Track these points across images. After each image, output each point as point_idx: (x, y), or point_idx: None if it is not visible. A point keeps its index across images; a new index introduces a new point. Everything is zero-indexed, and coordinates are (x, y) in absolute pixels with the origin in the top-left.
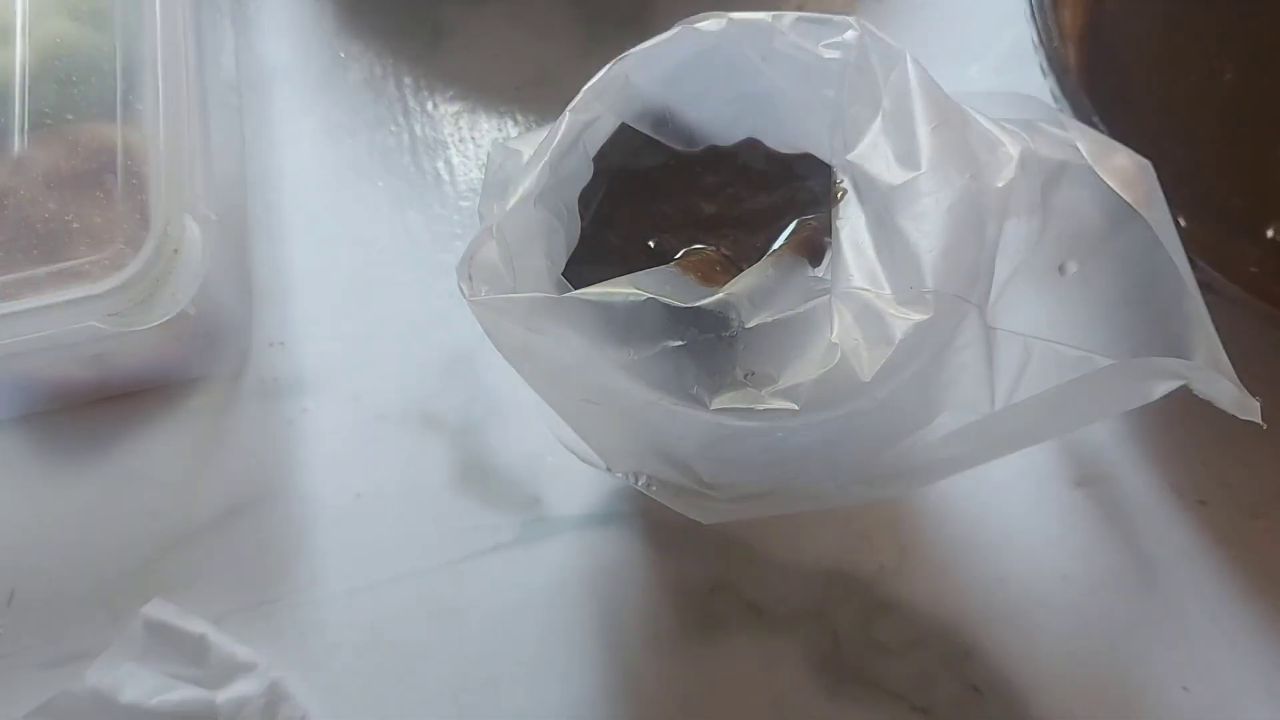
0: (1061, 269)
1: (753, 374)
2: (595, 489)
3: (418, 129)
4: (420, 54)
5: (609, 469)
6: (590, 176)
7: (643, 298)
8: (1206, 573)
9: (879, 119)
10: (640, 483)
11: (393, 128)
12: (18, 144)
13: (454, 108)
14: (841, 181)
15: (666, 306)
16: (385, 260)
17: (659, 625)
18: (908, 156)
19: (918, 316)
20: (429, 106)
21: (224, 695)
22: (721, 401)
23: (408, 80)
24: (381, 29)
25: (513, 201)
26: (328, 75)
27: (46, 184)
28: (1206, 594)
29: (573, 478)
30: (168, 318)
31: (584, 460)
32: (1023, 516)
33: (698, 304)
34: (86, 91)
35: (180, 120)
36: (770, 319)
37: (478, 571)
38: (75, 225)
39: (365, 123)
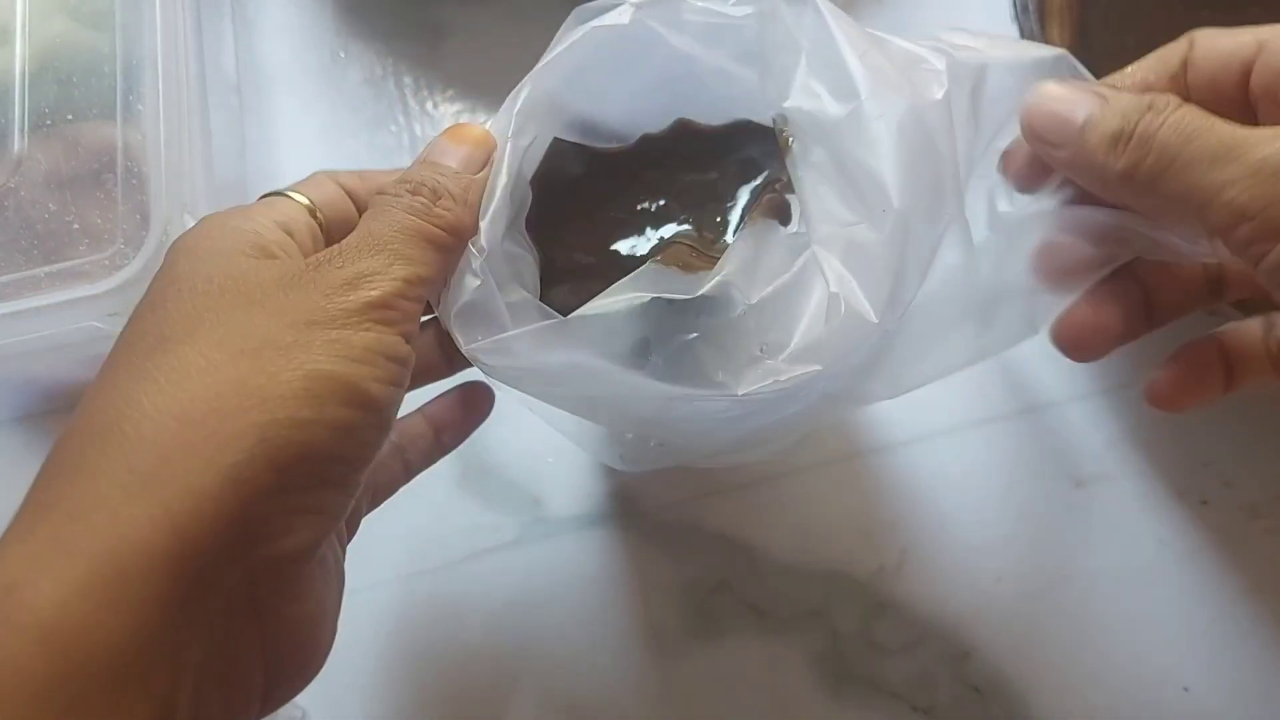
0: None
1: (766, 344)
2: (595, 489)
3: (418, 129)
4: (420, 54)
5: (624, 467)
6: (531, 200)
7: (646, 298)
8: (1206, 573)
9: (803, 61)
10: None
11: (393, 128)
12: (18, 144)
13: (454, 108)
14: (785, 131)
15: (671, 303)
16: None
17: (659, 625)
18: (842, 89)
19: (894, 241)
20: (429, 106)
21: None
22: (748, 383)
23: (408, 80)
24: (381, 29)
25: (485, 236)
26: (328, 75)
27: (46, 184)
28: (1206, 594)
29: (573, 478)
30: None
31: (592, 454)
32: (1023, 516)
33: (701, 292)
34: (86, 91)
35: (180, 120)
36: (772, 289)
37: (478, 571)
38: (75, 225)
39: (365, 123)
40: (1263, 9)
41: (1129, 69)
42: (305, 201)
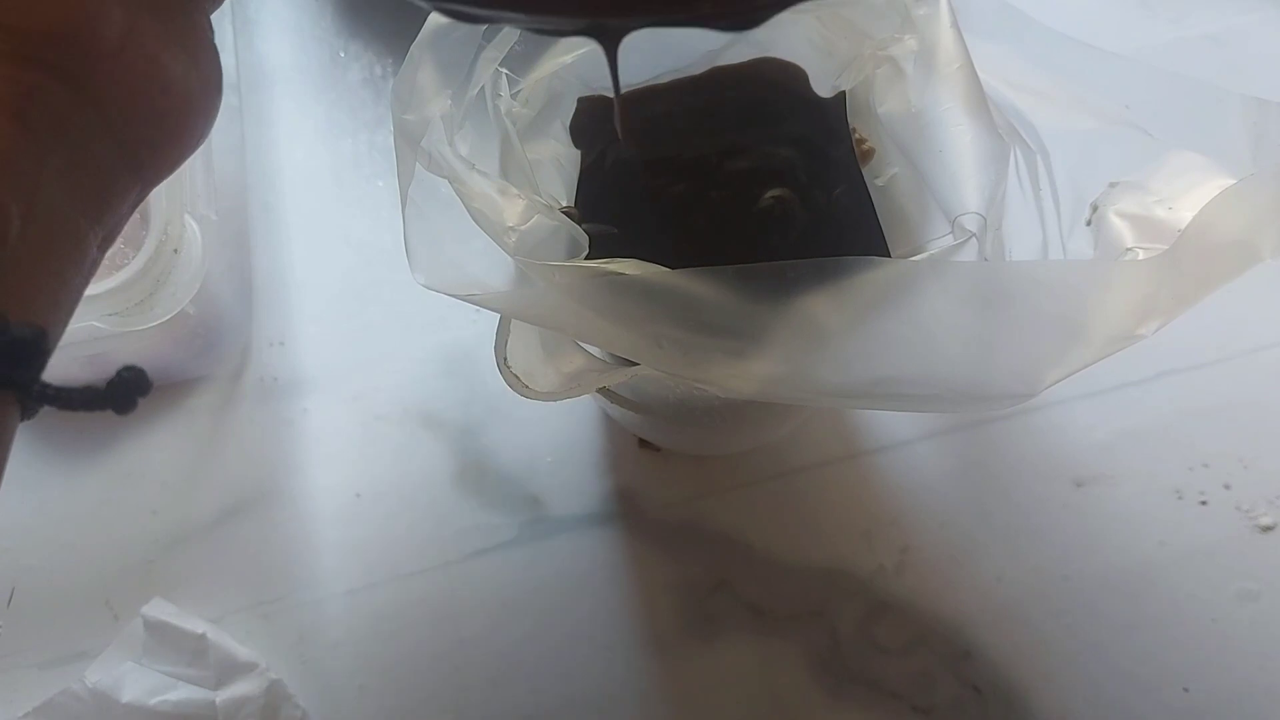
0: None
1: None
2: (595, 489)
3: None
4: None
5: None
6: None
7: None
8: (1206, 573)
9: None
10: None
11: (392, 127)
12: None
13: None
14: (866, 141)
15: None
16: (385, 260)
17: (659, 625)
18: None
19: None
20: None
21: (224, 695)
22: None
23: None
24: (381, 29)
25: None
26: (328, 75)
27: None
28: (1206, 594)
29: (572, 478)
30: (168, 318)
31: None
32: (1023, 516)
33: None
34: None
35: None
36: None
37: (478, 571)
38: None
39: (365, 123)
40: None
41: None
42: None
